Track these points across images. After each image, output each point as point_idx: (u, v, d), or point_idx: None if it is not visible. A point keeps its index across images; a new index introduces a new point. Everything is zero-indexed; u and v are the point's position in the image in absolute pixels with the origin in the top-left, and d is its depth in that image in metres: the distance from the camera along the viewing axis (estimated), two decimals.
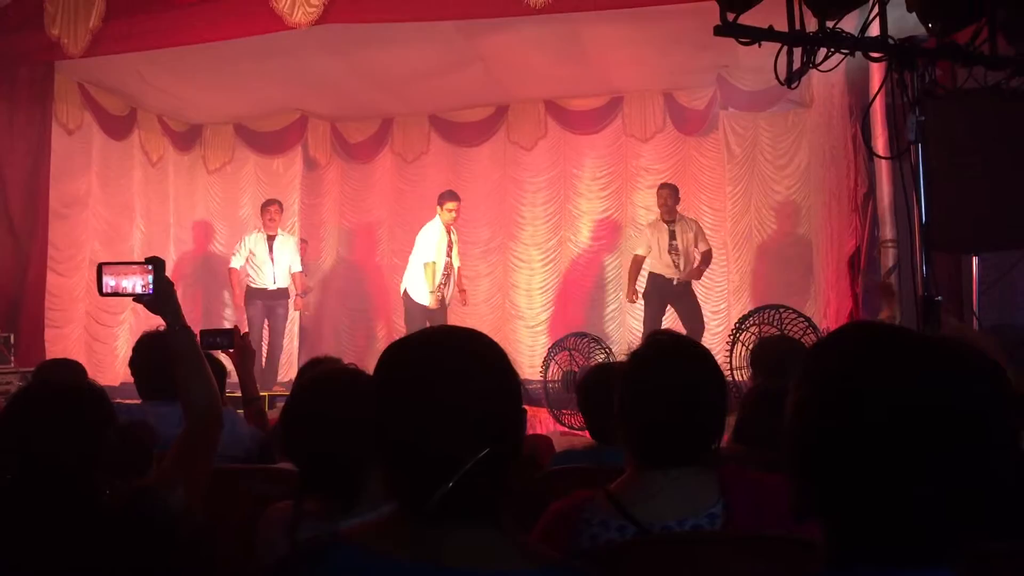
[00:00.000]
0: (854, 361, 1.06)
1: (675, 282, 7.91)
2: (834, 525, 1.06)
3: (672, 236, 7.95)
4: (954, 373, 1.03)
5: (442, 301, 8.22)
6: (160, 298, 2.15)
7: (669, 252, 7.91)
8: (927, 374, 1.03)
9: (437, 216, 8.26)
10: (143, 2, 6.94)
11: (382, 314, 10.22)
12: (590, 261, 9.74)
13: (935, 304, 2.80)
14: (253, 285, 8.70)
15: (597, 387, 2.83)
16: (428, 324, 7.92)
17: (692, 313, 7.98)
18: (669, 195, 8.04)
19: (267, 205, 8.87)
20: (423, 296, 8.08)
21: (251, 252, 8.69)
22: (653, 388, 1.79)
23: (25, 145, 7.67)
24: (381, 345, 8.99)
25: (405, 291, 8.23)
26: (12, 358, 7.01)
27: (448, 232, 8.25)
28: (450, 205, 8.19)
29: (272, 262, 8.72)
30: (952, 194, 3.89)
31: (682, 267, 7.92)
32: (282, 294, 8.83)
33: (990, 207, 4.18)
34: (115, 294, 2.17)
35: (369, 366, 1.46)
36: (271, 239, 8.74)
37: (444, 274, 8.22)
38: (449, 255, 8.28)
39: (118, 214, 9.16)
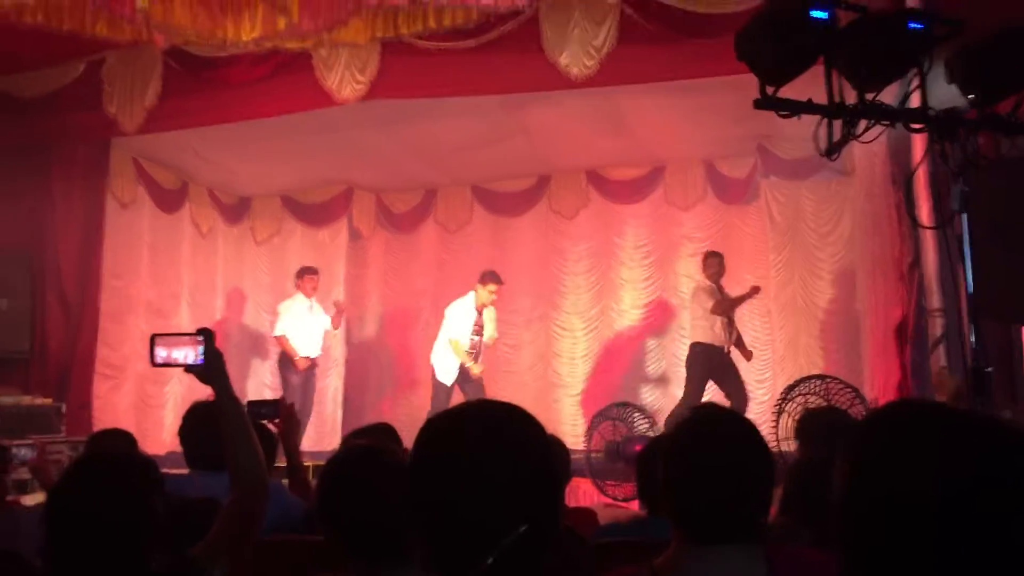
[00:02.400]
0: (904, 443, 1.05)
1: (725, 350, 7.82)
2: None
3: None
4: (1006, 451, 1.02)
5: (470, 375, 8.35)
6: (210, 369, 2.19)
7: (727, 322, 7.83)
8: (978, 454, 1.02)
9: (472, 293, 8.38)
10: (197, 81, 7.18)
11: (425, 386, 10.21)
12: (633, 335, 9.69)
13: (985, 375, 2.75)
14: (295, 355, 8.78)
15: (654, 459, 2.82)
16: (454, 399, 8.07)
17: (737, 387, 7.81)
18: (720, 263, 8.02)
19: (308, 273, 8.97)
20: (446, 375, 8.28)
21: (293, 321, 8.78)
22: (698, 463, 1.78)
23: (80, 219, 7.89)
24: (423, 416, 9.00)
25: (433, 369, 8.43)
26: (63, 427, 7.10)
27: (480, 312, 8.35)
28: (492, 287, 8.31)
29: (313, 331, 8.86)
30: (999, 263, 3.84)
31: (732, 336, 7.86)
32: (315, 362, 8.99)
33: None
34: (167, 364, 2.22)
35: (410, 438, 1.47)
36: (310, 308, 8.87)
37: (472, 352, 8.37)
38: (478, 334, 8.39)
39: (168, 284, 9.33)
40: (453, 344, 8.25)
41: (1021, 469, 1.01)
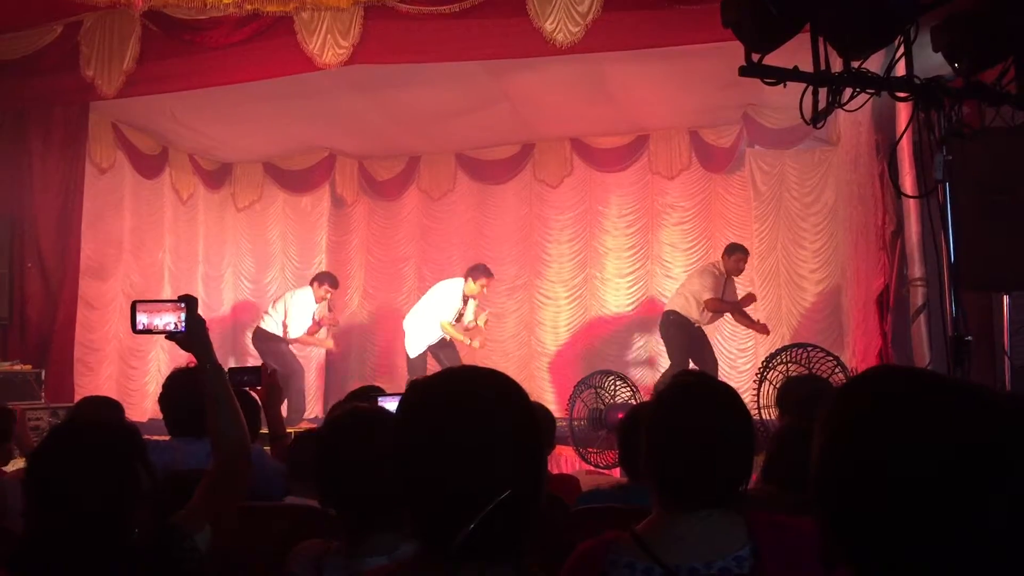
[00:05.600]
0: (884, 408, 1.05)
1: (695, 324, 7.84)
2: (865, 572, 1.05)
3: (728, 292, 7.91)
4: (988, 418, 1.02)
5: (451, 345, 8.48)
6: (192, 336, 2.17)
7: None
8: (960, 421, 1.02)
9: (462, 284, 8.41)
10: (176, 44, 7.08)
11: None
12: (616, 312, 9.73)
13: (965, 344, 2.77)
14: (289, 335, 8.75)
15: (635, 427, 2.82)
16: (431, 366, 8.13)
17: (711, 361, 7.83)
18: (743, 260, 7.88)
19: (329, 283, 8.86)
20: (414, 348, 8.38)
21: (298, 310, 8.74)
22: (679, 430, 1.79)
23: (58, 184, 7.78)
24: (405, 383, 9.00)
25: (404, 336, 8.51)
26: (43, 394, 7.07)
27: (465, 302, 8.44)
28: (483, 282, 8.41)
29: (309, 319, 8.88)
30: (981, 233, 3.85)
31: (705, 319, 7.87)
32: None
33: (1020, 245, 4.13)
34: (148, 331, 2.20)
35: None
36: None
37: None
38: (458, 322, 8.47)
39: (149, 251, 9.27)
40: (444, 326, 8.34)
41: (999, 435, 1.01)
